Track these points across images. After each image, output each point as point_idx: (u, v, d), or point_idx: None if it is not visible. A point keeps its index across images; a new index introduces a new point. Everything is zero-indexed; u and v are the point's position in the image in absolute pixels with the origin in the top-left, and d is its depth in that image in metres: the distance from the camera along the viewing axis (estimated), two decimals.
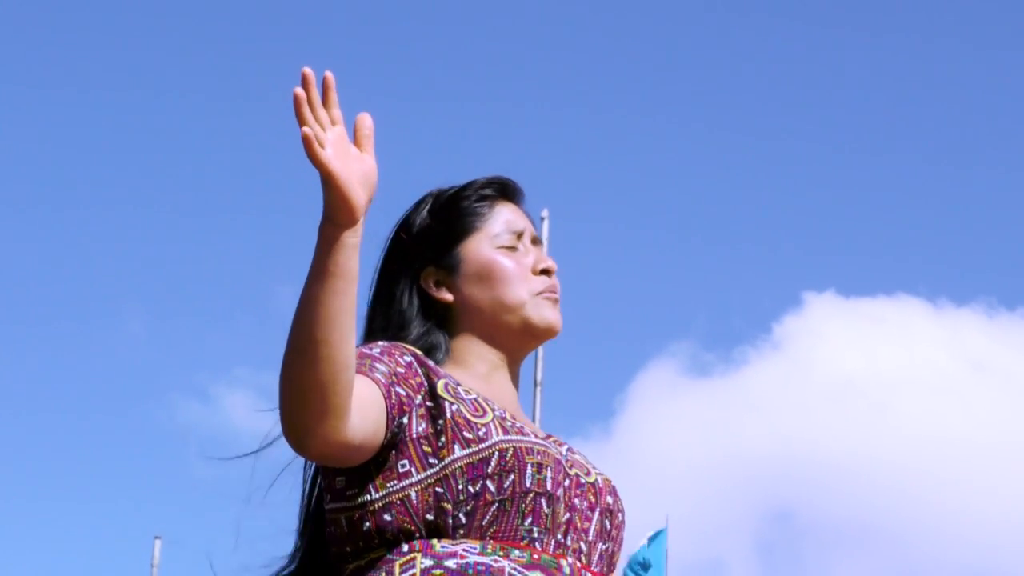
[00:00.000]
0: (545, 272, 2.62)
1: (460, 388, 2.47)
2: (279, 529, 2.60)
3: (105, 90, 29.18)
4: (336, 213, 2.23)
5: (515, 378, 2.64)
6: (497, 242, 2.62)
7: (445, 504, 2.39)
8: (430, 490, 2.39)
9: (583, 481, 2.50)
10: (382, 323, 2.59)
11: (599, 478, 2.54)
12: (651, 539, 18.84)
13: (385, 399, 2.37)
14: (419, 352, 2.50)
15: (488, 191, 2.66)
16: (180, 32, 29.25)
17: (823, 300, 29.39)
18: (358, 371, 2.35)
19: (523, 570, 2.38)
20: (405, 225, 2.65)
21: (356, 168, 2.26)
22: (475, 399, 2.47)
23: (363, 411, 2.32)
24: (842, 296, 29.34)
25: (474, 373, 2.57)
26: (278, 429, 2.37)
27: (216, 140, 29.55)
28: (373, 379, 2.37)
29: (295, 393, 2.25)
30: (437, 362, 2.55)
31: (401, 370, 2.42)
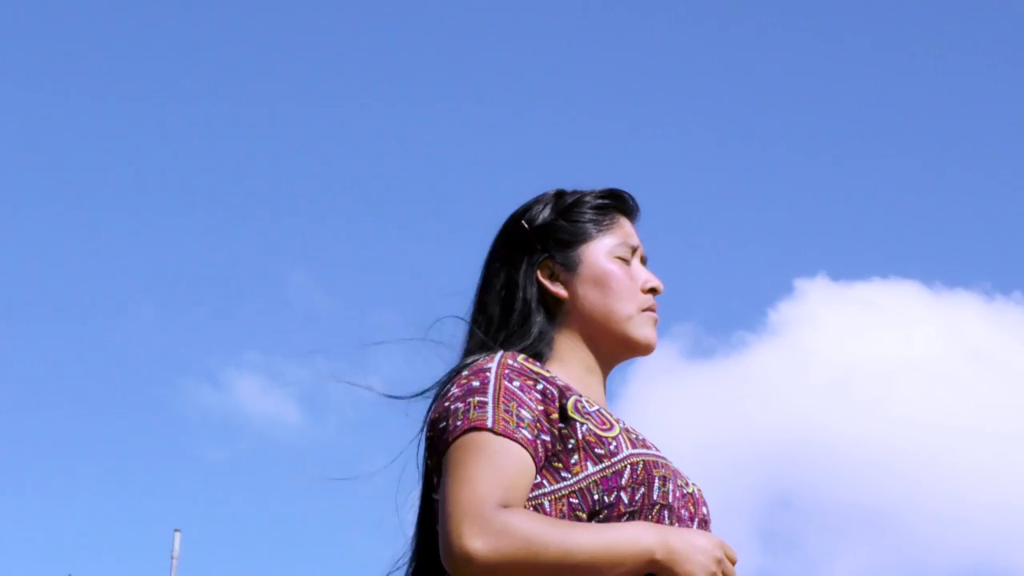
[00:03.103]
0: (652, 291, 2.73)
1: (584, 401, 2.57)
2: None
3: (116, 88, 29.22)
4: None
5: (605, 384, 2.73)
6: (615, 252, 2.72)
7: (580, 514, 2.50)
8: (564, 500, 2.50)
9: (685, 492, 2.62)
10: (504, 308, 2.69)
11: (695, 489, 2.66)
12: None
13: (534, 460, 2.49)
14: (545, 373, 2.58)
15: (614, 202, 2.77)
16: (180, 32, 29.28)
17: (815, 285, 29.44)
18: (505, 432, 2.48)
19: None
20: (527, 216, 2.74)
21: None
22: (599, 411, 2.57)
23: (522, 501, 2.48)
24: (833, 280, 29.37)
25: (571, 372, 2.67)
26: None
27: (225, 126, 29.59)
28: (521, 441, 2.48)
29: None
30: (544, 358, 2.65)
31: (541, 407, 2.52)
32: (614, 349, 2.71)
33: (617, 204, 2.77)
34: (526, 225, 2.73)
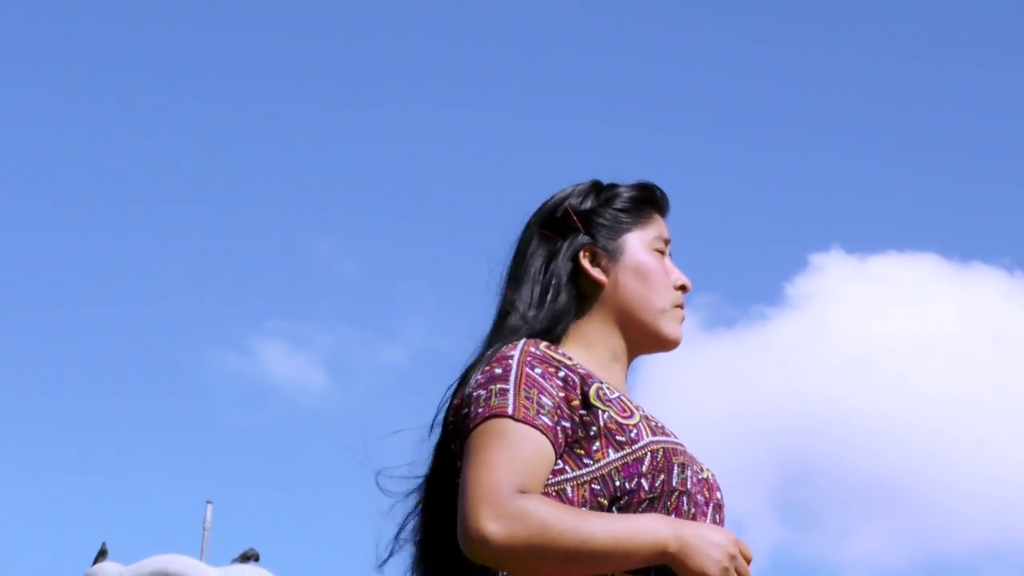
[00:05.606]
0: (682, 288, 2.80)
1: (605, 387, 2.61)
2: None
3: (140, 79, 29.39)
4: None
5: (626, 374, 2.77)
6: (653, 245, 2.79)
7: (602, 500, 2.54)
8: (586, 487, 2.54)
9: (701, 477, 2.66)
10: (543, 287, 2.73)
11: (710, 474, 2.71)
12: None
13: (554, 446, 2.53)
14: (567, 361, 2.61)
15: (649, 196, 2.83)
16: (199, 22, 29.36)
17: (830, 259, 29.39)
18: (525, 419, 2.51)
19: None
20: (569, 200, 2.80)
21: None
22: (620, 398, 2.61)
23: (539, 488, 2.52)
24: (848, 253, 29.32)
25: (595, 357, 2.71)
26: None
27: (252, 97, 29.67)
28: (541, 428, 2.52)
29: (526, 570, 2.47)
30: (558, 336, 2.69)
31: (562, 394, 2.56)
32: (642, 340, 2.76)
33: (652, 198, 2.83)
34: (571, 209, 2.78)
